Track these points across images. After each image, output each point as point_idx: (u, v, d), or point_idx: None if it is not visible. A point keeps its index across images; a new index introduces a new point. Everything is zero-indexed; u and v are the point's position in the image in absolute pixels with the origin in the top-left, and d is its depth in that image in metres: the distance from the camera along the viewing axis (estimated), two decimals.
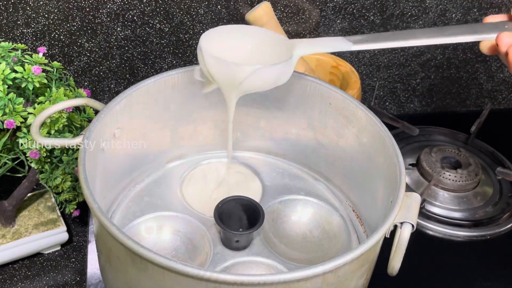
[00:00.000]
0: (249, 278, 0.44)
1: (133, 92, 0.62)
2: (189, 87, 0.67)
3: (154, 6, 0.80)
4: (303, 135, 0.71)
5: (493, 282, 0.72)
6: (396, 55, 0.94)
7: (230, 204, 0.63)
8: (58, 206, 0.72)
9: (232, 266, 0.61)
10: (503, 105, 1.07)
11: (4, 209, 0.68)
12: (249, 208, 0.63)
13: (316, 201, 0.70)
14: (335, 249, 0.65)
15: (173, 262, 0.44)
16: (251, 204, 0.63)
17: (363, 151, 0.65)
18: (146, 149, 0.68)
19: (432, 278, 0.72)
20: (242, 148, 0.76)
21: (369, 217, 0.66)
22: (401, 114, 1.03)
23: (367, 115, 0.62)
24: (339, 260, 0.46)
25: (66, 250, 0.72)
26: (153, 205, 0.67)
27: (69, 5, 0.77)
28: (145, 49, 0.84)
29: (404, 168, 0.56)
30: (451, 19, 0.91)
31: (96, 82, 0.85)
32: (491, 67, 1.00)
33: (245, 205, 0.63)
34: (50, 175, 0.67)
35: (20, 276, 0.68)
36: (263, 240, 0.64)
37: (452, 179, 0.83)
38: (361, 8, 0.87)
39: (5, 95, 0.61)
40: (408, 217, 0.52)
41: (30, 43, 0.79)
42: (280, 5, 0.84)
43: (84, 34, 0.80)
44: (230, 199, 0.63)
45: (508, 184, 0.87)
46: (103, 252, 0.54)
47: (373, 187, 0.63)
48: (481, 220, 0.80)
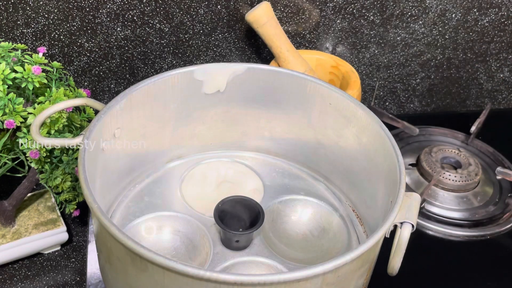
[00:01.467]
0: (249, 278, 0.44)
1: (133, 92, 0.62)
2: (189, 87, 0.67)
3: (154, 6, 0.80)
4: (303, 135, 0.71)
5: (493, 282, 0.72)
6: (396, 55, 0.94)
7: (230, 204, 0.63)
8: (58, 206, 0.72)
9: (232, 266, 0.61)
10: (503, 105, 1.07)
11: (4, 209, 0.68)
12: (249, 208, 0.63)
13: (316, 201, 0.70)
14: (335, 249, 0.65)
15: (173, 262, 0.44)
16: (251, 204, 0.63)
17: (363, 151, 0.65)
18: (146, 149, 0.68)
19: (432, 278, 0.72)
20: (242, 148, 0.76)
21: (369, 217, 0.65)
22: (401, 114, 1.03)
23: (367, 115, 0.62)
24: (339, 260, 0.46)
25: (66, 250, 0.72)
26: (153, 205, 0.67)
27: (69, 5, 0.77)
28: (145, 49, 0.84)
29: (404, 168, 0.56)
30: (451, 19, 0.91)
31: (96, 82, 0.85)
32: (491, 67, 1.00)
33: (245, 205, 0.63)
34: (50, 175, 0.67)
35: (20, 276, 0.68)
36: (263, 240, 0.64)
37: (452, 179, 0.83)
38: (361, 8, 0.87)
39: (5, 95, 0.61)
40: (408, 217, 0.51)
41: (30, 43, 0.79)
42: (280, 5, 0.84)
43: (84, 34, 0.80)
44: (230, 199, 0.63)
45: (508, 184, 0.87)
46: (103, 252, 0.54)
47: (373, 187, 0.63)
48: (481, 220, 0.80)
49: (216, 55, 0.87)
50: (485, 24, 0.93)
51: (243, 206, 0.63)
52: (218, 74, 0.67)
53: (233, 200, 0.63)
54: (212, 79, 0.67)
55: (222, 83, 0.68)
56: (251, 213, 0.63)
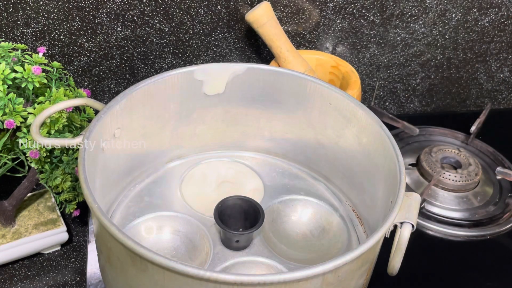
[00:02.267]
0: (249, 278, 0.44)
1: (133, 92, 0.62)
2: (189, 87, 0.67)
3: (154, 6, 0.80)
4: (303, 135, 0.71)
5: (493, 282, 0.72)
6: (396, 55, 0.94)
7: (230, 204, 0.63)
8: (58, 206, 0.72)
9: (232, 266, 0.61)
10: (503, 105, 1.07)
11: (4, 209, 0.68)
12: (249, 208, 0.63)
13: (316, 201, 0.70)
14: (335, 249, 0.65)
15: (173, 262, 0.44)
16: (251, 204, 0.63)
17: (363, 151, 0.65)
18: (146, 149, 0.68)
19: (432, 278, 0.72)
20: (242, 148, 0.76)
21: (369, 217, 0.65)
22: (401, 114, 1.03)
23: (367, 115, 0.62)
24: (339, 260, 0.46)
25: (66, 250, 0.72)
26: (153, 205, 0.67)
27: (69, 5, 0.77)
28: (145, 49, 0.84)
29: (404, 168, 0.56)
30: (451, 19, 0.91)
31: (96, 82, 0.85)
32: (491, 67, 1.00)
33: (245, 205, 0.63)
34: (50, 175, 0.67)
35: (20, 276, 0.68)
36: (263, 240, 0.64)
37: (452, 179, 0.83)
38: (361, 8, 0.87)
39: (5, 95, 0.61)
40: (408, 217, 0.51)
41: (30, 43, 0.79)
42: (280, 5, 0.84)
43: (84, 34, 0.80)
44: (230, 199, 0.63)
45: (508, 184, 0.87)
46: (103, 252, 0.54)
47: (373, 187, 0.63)
48: (481, 220, 0.80)
49: (216, 55, 0.88)
50: (485, 24, 0.93)
51: (243, 206, 0.63)
52: (218, 74, 0.67)
53: (233, 200, 0.63)
54: (212, 79, 0.67)
55: (222, 83, 0.68)
56: (251, 213, 0.63)
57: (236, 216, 0.63)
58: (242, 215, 0.64)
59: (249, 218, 0.63)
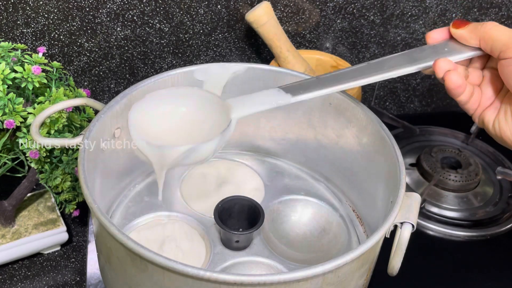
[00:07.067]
0: (249, 278, 0.44)
1: (133, 92, 0.62)
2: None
3: (154, 6, 0.80)
4: (303, 135, 0.71)
5: (493, 282, 0.72)
6: None
7: (230, 204, 0.63)
8: (58, 206, 0.72)
9: (232, 266, 0.61)
10: None
11: (4, 209, 0.68)
12: (249, 208, 0.63)
13: (316, 201, 0.70)
14: (335, 249, 0.65)
15: (173, 262, 0.44)
16: (251, 204, 0.63)
17: (363, 151, 0.64)
18: None
19: (432, 278, 0.72)
20: (242, 148, 0.76)
21: (369, 217, 0.65)
22: (401, 114, 1.03)
23: (367, 115, 0.62)
24: (339, 260, 0.46)
25: (66, 250, 0.72)
26: (153, 205, 0.67)
27: (69, 5, 0.77)
28: (145, 49, 0.84)
29: (404, 168, 0.56)
30: (451, 19, 0.91)
31: (96, 82, 0.85)
32: None
33: (245, 205, 0.63)
34: (50, 175, 0.67)
35: (20, 276, 0.68)
36: (263, 240, 0.64)
37: (452, 179, 0.83)
38: (361, 8, 0.87)
39: (5, 95, 0.61)
40: (408, 217, 0.51)
41: (30, 43, 0.78)
42: (280, 5, 0.84)
43: (84, 34, 0.80)
44: (230, 199, 0.63)
45: (508, 184, 0.86)
46: (103, 252, 0.54)
47: (373, 187, 0.63)
48: (481, 220, 0.80)
49: (216, 55, 0.87)
50: None
51: (243, 206, 0.63)
52: (218, 74, 0.67)
53: (233, 200, 0.63)
54: (212, 79, 0.67)
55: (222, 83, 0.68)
56: (251, 213, 0.63)
57: (236, 216, 0.63)
58: (242, 215, 0.64)
59: (249, 218, 0.63)
